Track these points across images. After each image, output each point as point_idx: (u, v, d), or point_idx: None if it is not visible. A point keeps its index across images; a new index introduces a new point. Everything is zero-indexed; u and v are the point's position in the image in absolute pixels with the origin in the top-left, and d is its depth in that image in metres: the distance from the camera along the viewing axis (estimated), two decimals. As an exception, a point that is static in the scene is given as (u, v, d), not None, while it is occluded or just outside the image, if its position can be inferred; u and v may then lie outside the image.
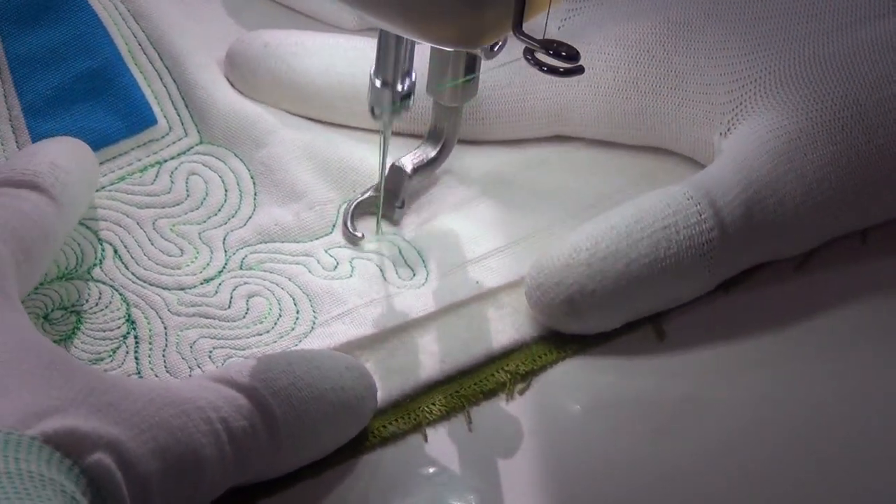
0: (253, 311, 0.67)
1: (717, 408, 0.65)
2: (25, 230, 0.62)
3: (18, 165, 0.65)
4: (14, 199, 0.63)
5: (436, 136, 0.71)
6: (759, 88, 0.70)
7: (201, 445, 0.54)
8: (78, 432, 0.51)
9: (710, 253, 0.66)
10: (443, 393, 0.65)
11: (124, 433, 0.52)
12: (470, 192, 0.74)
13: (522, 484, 0.62)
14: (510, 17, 0.57)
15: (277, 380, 0.58)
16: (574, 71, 0.57)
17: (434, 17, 0.57)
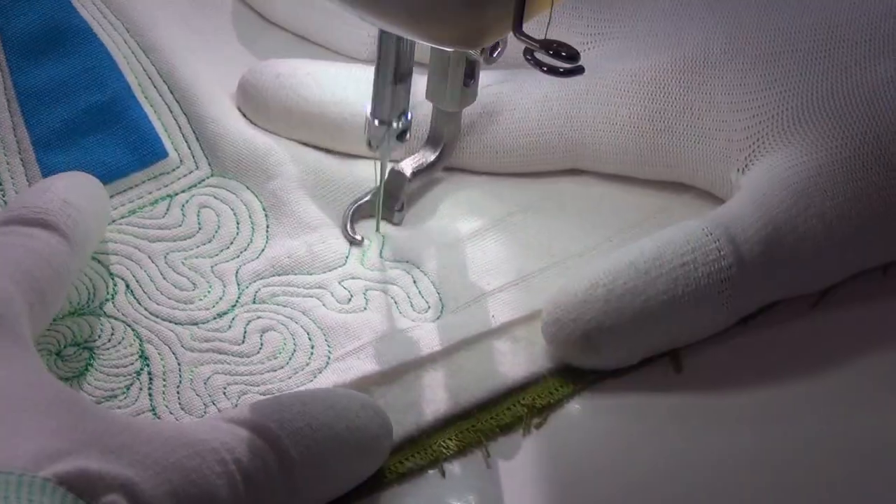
0: (267, 347, 0.64)
1: (733, 446, 0.62)
2: (38, 270, 0.59)
3: (30, 203, 0.62)
4: (26, 239, 0.60)
5: (435, 141, 0.69)
6: (776, 125, 0.68)
7: (216, 487, 0.52)
8: (91, 473, 0.49)
9: (729, 290, 0.64)
10: (459, 428, 0.62)
11: (138, 474, 0.50)
12: (483, 223, 0.71)
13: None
14: (510, 17, 0.55)
15: (293, 420, 0.56)
16: (574, 71, 0.55)
17: (434, 16, 0.55)
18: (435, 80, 0.65)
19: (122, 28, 0.76)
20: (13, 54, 0.74)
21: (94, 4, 0.76)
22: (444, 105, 0.67)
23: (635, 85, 0.71)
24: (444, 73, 0.65)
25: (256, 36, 0.81)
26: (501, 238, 0.70)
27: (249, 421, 0.55)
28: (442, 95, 0.66)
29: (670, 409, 0.64)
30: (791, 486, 0.61)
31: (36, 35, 0.74)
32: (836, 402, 0.64)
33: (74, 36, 0.75)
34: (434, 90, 0.66)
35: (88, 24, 0.75)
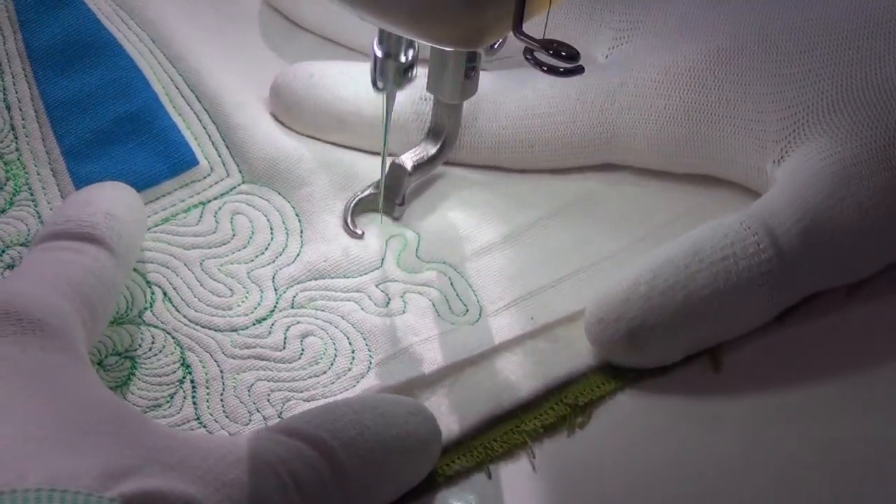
0: (308, 352, 0.62)
1: (774, 442, 0.61)
2: (89, 287, 0.58)
3: (74, 216, 0.60)
4: (75, 254, 0.59)
5: (436, 134, 0.67)
6: (811, 115, 0.66)
7: (273, 502, 0.51)
8: (157, 493, 0.47)
9: (770, 282, 0.62)
10: (503, 429, 0.60)
11: (199, 491, 0.49)
12: (517, 225, 0.69)
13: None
14: (510, 17, 0.54)
15: (345, 430, 0.54)
16: (574, 71, 0.53)
17: (434, 17, 0.54)
18: (436, 72, 0.63)
19: (148, 39, 0.74)
20: (39, 66, 0.72)
21: (119, 17, 0.74)
22: (446, 97, 0.65)
23: (670, 77, 0.69)
24: (445, 66, 0.63)
25: (285, 40, 0.78)
26: (535, 240, 0.68)
27: (302, 432, 0.54)
28: (443, 88, 0.64)
29: (712, 407, 0.62)
30: (839, 479, 0.59)
31: (62, 48, 0.73)
32: (876, 400, 0.63)
33: (101, 48, 0.73)
34: (435, 82, 0.64)
35: (114, 37, 0.73)
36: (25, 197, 0.67)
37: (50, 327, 0.54)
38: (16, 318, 0.54)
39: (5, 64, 0.72)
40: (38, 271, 0.58)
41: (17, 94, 0.71)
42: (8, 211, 0.67)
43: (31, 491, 0.46)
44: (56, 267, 0.58)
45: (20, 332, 0.53)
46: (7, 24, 0.73)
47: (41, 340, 0.53)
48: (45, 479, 0.46)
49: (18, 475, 0.46)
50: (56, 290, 0.56)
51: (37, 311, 0.54)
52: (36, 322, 0.54)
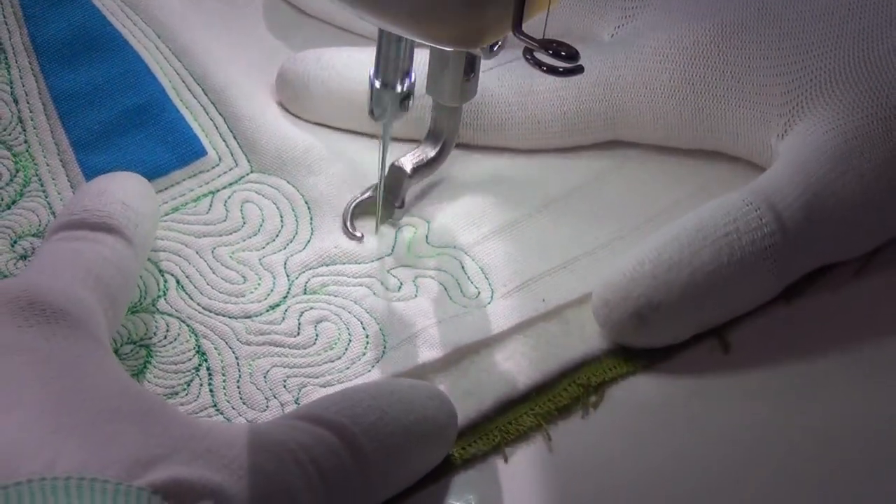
0: (322, 338, 0.60)
1: (784, 421, 0.60)
2: (108, 277, 0.56)
3: (90, 206, 0.59)
4: (93, 244, 0.57)
5: (435, 137, 0.65)
6: (814, 89, 0.65)
7: (296, 489, 0.50)
8: (184, 481, 0.46)
9: (774, 256, 0.61)
10: (518, 412, 0.59)
11: (224, 479, 0.47)
12: (526, 209, 0.67)
13: (605, 502, 0.57)
14: (510, 17, 0.52)
15: (365, 416, 0.53)
16: (573, 71, 0.52)
17: (434, 17, 0.52)
18: (435, 74, 0.62)
19: (153, 34, 0.72)
20: (46, 60, 0.70)
21: (124, 12, 0.73)
22: (445, 100, 0.63)
23: (674, 50, 0.68)
24: (444, 68, 0.61)
25: (291, 29, 0.77)
26: (544, 223, 0.67)
27: (323, 419, 0.52)
28: (442, 90, 0.62)
29: (723, 387, 0.61)
30: (849, 455, 0.58)
31: (68, 42, 0.71)
32: (885, 375, 0.62)
33: (106, 43, 0.71)
34: (434, 85, 0.62)
35: (119, 32, 0.72)
36: (35, 188, 0.66)
37: (73, 317, 0.53)
38: (40, 308, 0.52)
39: (11, 58, 0.70)
40: (58, 261, 0.56)
41: (25, 87, 0.69)
42: (19, 202, 0.65)
43: (59, 479, 0.45)
44: (76, 257, 0.57)
45: (44, 322, 0.52)
46: (13, 19, 0.71)
47: (65, 330, 0.52)
48: (73, 467, 0.45)
49: (47, 464, 0.45)
50: (77, 280, 0.55)
51: (60, 301, 0.53)
52: (59, 312, 0.52)
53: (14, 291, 0.53)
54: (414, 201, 0.67)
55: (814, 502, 0.57)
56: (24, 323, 0.52)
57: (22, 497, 0.44)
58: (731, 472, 0.58)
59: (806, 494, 0.57)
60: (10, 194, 0.65)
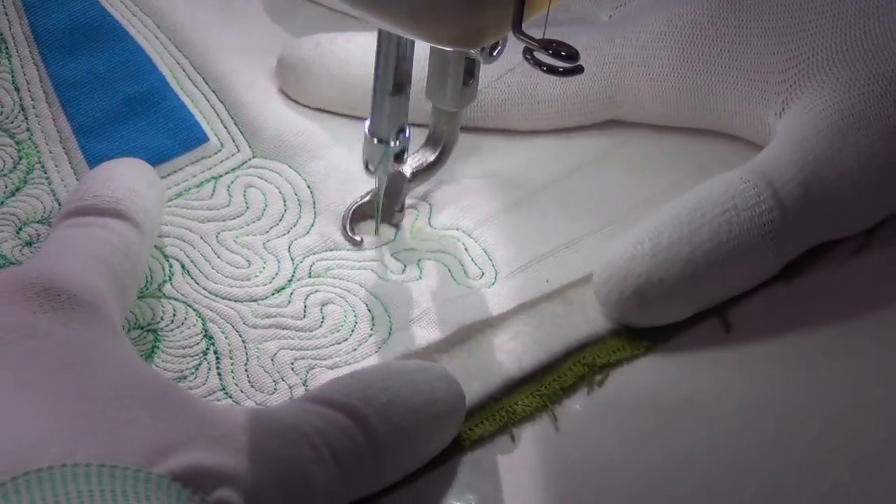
0: (329, 320, 0.59)
1: (789, 400, 0.59)
2: (118, 263, 0.55)
3: (99, 192, 0.57)
4: (102, 230, 0.56)
5: (435, 141, 0.63)
6: (811, 67, 0.64)
7: (311, 473, 0.48)
8: (203, 468, 0.45)
9: (773, 233, 0.60)
10: (524, 392, 0.58)
11: (242, 465, 0.46)
12: (527, 190, 0.66)
13: (612, 481, 0.55)
14: (510, 17, 0.51)
15: (376, 398, 0.52)
16: (573, 70, 0.51)
17: (434, 16, 0.51)
18: (434, 79, 0.60)
19: (153, 24, 0.71)
20: (47, 49, 0.69)
21: (123, 3, 0.71)
22: (444, 104, 0.61)
23: (672, 29, 0.66)
24: (444, 72, 0.59)
25: (291, 14, 0.75)
26: (545, 203, 0.65)
27: (335, 401, 0.51)
28: (441, 94, 0.60)
29: (727, 369, 0.60)
30: (853, 437, 0.57)
31: (68, 31, 0.70)
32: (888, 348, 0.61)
33: (106, 33, 0.70)
34: (433, 89, 0.60)
35: (119, 23, 0.70)
36: (39, 175, 0.64)
37: (87, 303, 0.51)
38: (54, 294, 0.51)
39: (12, 47, 0.69)
40: (69, 248, 0.55)
41: (26, 76, 0.68)
42: (23, 189, 0.64)
43: (80, 466, 0.43)
44: (86, 243, 0.55)
45: (59, 308, 0.51)
46: (12, 9, 0.70)
47: (80, 316, 0.51)
48: (93, 454, 0.44)
49: (68, 451, 0.44)
50: (88, 266, 0.54)
51: (74, 287, 0.52)
52: (74, 298, 0.51)
53: (29, 278, 0.51)
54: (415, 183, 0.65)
55: (817, 477, 0.56)
56: (40, 309, 0.50)
57: (43, 484, 0.43)
58: (735, 450, 0.57)
59: (809, 470, 0.56)
60: (13, 182, 0.64)
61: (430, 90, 0.60)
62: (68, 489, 0.42)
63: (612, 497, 0.55)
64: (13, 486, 0.42)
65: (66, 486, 0.43)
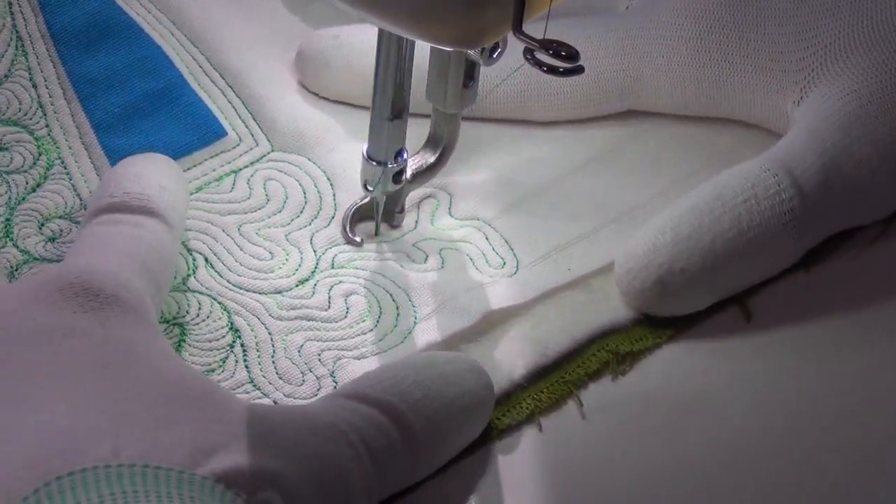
0: (353, 311, 0.57)
1: (811, 389, 0.57)
2: (152, 261, 0.53)
3: (130, 189, 0.56)
4: (135, 228, 0.54)
5: (435, 142, 0.61)
6: (829, 55, 0.62)
7: (348, 471, 0.47)
8: (246, 469, 0.44)
9: (793, 221, 0.58)
10: (549, 380, 0.56)
11: (282, 465, 0.45)
12: (546, 179, 0.64)
13: (641, 468, 0.54)
14: (510, 17, 0.49)
15: (411, 393, 0.50)
16: (574, 71, 0.49)
17: (434, 17, 0.49)
18: (434, 80, 0.58)
19: (168, 22, 0.69)
20: (63, 47, 0.67)
21: (138, 1, 0.70)
22: (444, 106, 0.59)
23: (689, 19, 0.65)
24: (444, 74, 0.57)
25: (307, 6, 0.73)
26: (565, 193, 0.64)
27: (370, 398, 0.50)
28: (441, 96, 0.58)
29: (750, 358, 0.58)
30: (874, 425, 0.56)
31: (84, 29, 0.68)
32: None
33: (122, 31, 0.68)
34: (433, 91, 0.58)
35: (134, 20, 0.69)
36: (59, 171, 0.63)
37: (125, 302, 0.50)
38: (93, 294, 0.49)
39: (28, 45, 0.67)
40: (104, 246, 0.53)
41: (43, 73, 0.66)
42: (43, 185, 0.62)
43: (124, 466, 0.42)
44: (120, 241, 0.53)
45: (98, 308, 0.49)
46: (27, 7, 0.68)
47: (119, 315, 0.49)
48: (137, 454, 0.43)
49: (112, 451, 0.43)
50: (125, 265, 0.52)
51: (112, 286, 0.50)
52: (112, 297, 0.49)
53: (68, 277, 0.50)
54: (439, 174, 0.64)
55: (839, 465, 0.54)
56: (79, 308, 0.49)
57: (88, 484, 0.41)
58: (759, 439, 0.55)
59: (831, 458, 0.55)
60: (34, 177, 0.62)
61: (429, 92, 0.58)
62: (113, 489, 0.41)
63: (637, 483, 0.54)
64: (58, 486, 0.41)
65: (111, 486, 0.41)
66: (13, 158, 0.63)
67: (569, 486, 0.53)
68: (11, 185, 0.62)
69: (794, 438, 0.55)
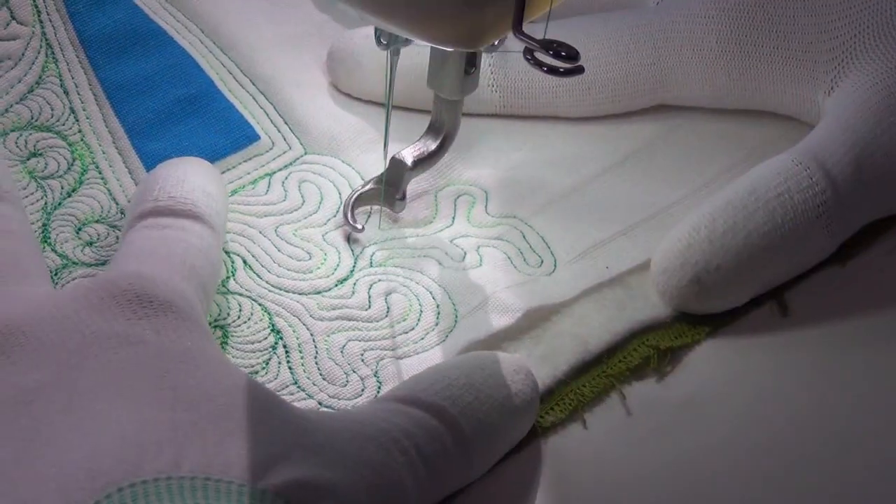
0: (394, 310, 0.55)
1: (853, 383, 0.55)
2: (200, 266, 0.51)
3: (175, 193, 0.53)
4: (181, 233, 0.52)
5: (436, 130, 0.59)
6: (859, 45, 0.59)
7: (402, 477, 0.45)
8: (305, 483, 0.41)
9: (827, 214, 0.56)
10: (591, 375, 0.53)
11: (338, 476, 0.42)
12: (581, 177, 0.61)
13: (687, 463, 0.51)
14: (510, 17, 0.47)
15: (462, 396, 0.48)
16: (574, 71, 0.47)
17: (434, 16, 0.47)
18: (436, 68, 0.55)
19: (198, 30, 0.66)
20: (94, 53, 0.64)
21: (166, 10, 0.67)
22: (445, 93, 0.56)
23: (719, 11, 0.62)
24: (445, 61, 0.55)
25: (337, 5, 0.69)
26: (600, 190, 0.61)
27: (423, 402, 0.47)
28: (443, 83, 0.55)
29: (786, 352, 0.56)
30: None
31: (113, 37, 0.65)
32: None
33: (152, 39, 0.65)
34: (435, 78, 0.56)
35: (163, 29, 0.66)
36: (94, 175, 0.60)
37: (179, 309, 0.47)
38: (147, 301, 0.47)
39: (59, 52, 0.65)
40: (152, 251, 0.50)
41: (74, 79, 0.63)
42: (79, 189, 0.59)
43: (185, 479, 0.40)
44: (169, 246, 0.51)
45: (153, 315, 0.46)
46: (56, 16, 0.66)
47: (173, 322, 0.46)
48: (199, 466, 0.40)
49: (172, 462, 0.40)
50: (175, 271, 0.49)
51: (165, 293, 0.47)
52: (167, 304, 0.47)
53: (121, 284, 0.47)
54: (471, 170, 0.61)
55: (879, 461, 0.52)
56: (133, 315, 0.46)
57: (149, 496, 0.39)
58: (802, 431, 0.53)
59: (880, 449, 0.52)
60: (69, 182, 0.60)
61: (431, 79, 0.56)
62: (174, 502, 0.39)
63: (682, 477, 0.51)
64: (119, 497, 0.39)
65: (173, 498, 0.39)
66: (48, 164, 0.60)
67: (614, 483, 0.51)
68: (47, 190, 0.59)
69: (842, 432, 0.53)
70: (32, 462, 0.40)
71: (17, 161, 0.60)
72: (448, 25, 0.47)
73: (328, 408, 0.51)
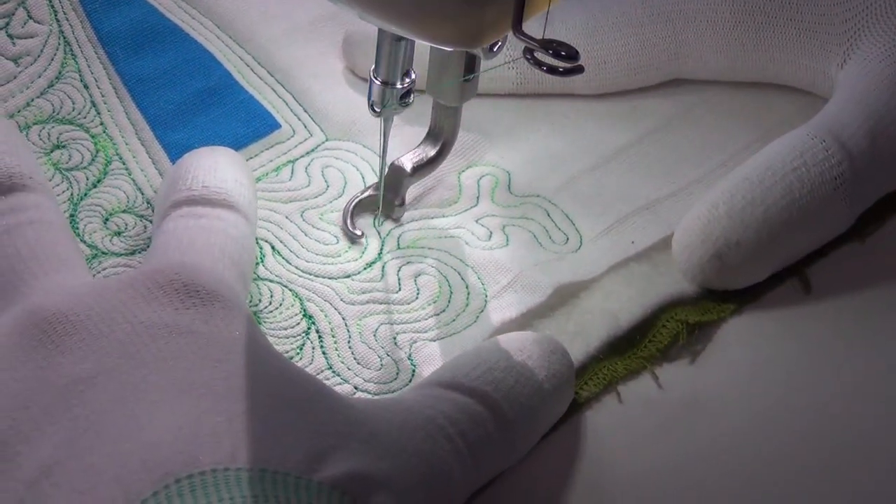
0: (424, 291, 0.51)
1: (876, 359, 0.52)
2: (238, 256, 0.47)
3: (209, 183, 0.50)
4: (218, 222, 0.48)
5: (435, 136, 0.55)
6: (871, 16, 0.56)
7: (449, 465, 0.42)
8: (360, 475, 0.38)
9: (844, 185, 0.52)
10: (622, 349, 0.50)
11: (390, 466, 0.39)
12: (600, 155, 0.58)
13: (720, 439, 0.48)
14: (510, 17, 0.44)
15: (504, 380, 0.45)
16: (574, 70, 0.43)
17: (434, 16, 0.44)
18: (435, 74, 0.52)
19: (213, 25, 0.62)
20: (112, 49, 0.60)
21: (180, 7, 0.63)
22: (444, 99, 0.53)
23: None
24: (444, 67, 0.51)
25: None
26: (621, 167, 0.57)
27: (466, 387, 0.44)
28: (442, 90, 0.52)
29: (814, 323, 0.53)
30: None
31: (131, 33, 0.61)
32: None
33: (168, 35, 0.61)
34: (434, 84, 0.52)
35: (179, 26, 0.62)
36: (118, 166, 0.56)
37: (225, 298, 0.43)
38: (194, 290, 0.43)
39: (77, 49, 0.61)
40: (193, 241, 0.47)
41: (94, 74, 0.60)
42: (104, 180, 0.55)
43: (242, 471, 0.37)
44: (208, 236, 0.47)
45: (200, 304, 0.43)
46: (73, 14, 0.62)
47: (221, 312, 0.43)
48: (255, 458, 0.37)
49: (229, 454, 0.37)
50: (217, 260, 0.46)
51: (212, 283, 0.44)
52: (213, 293, 0.43)
53: (168, 274, 0.43)
54: (493, 151, 0.58)
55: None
56: (181, 305, 0.42)
57: (207, 487, 0.35)
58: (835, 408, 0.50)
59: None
60: (94, 174, 0.56)
61: (430, 85, 0.52)
62: (232, 493, 0.35)
63: (712, 450, 0.48)
64: (177, 489, 0.35)
65: (231, 490, 0.35)
66: (71, 156, 0.56)
67: (648, 452, 0.48)
68: (72, 181, 0.55)
69: (870, 408, 0.50)
70: (88, 452, 0.37)
71: (41, 153, 0.56)
72: (448, 24, 0.44)
73: (364, 392, 0.48)
